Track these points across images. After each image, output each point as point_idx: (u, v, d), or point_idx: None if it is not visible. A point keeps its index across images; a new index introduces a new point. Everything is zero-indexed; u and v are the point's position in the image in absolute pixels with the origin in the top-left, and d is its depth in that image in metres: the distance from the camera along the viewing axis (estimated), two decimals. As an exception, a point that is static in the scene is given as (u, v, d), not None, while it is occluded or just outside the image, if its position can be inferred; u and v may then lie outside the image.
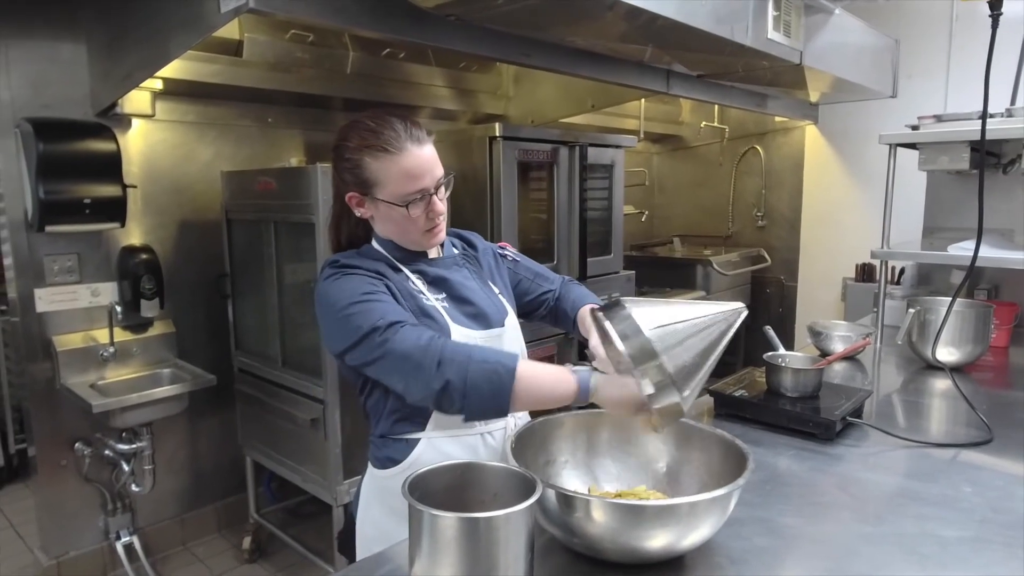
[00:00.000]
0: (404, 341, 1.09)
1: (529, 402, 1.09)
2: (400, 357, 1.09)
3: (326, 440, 2.45)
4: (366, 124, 1.21)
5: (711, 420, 1.61)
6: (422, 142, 1.21)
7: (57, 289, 2.57)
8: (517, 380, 1.05)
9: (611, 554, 0.95)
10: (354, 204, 1.25)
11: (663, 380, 0.96)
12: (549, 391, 1.09)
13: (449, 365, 1.06)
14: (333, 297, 1.17)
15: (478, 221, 2.69)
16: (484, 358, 1.07)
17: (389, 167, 1.19)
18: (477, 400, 1.06)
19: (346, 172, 1.23)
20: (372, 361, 1.12)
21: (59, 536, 2.69)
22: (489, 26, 2.07)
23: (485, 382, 1.05)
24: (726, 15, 2.10)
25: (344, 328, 1.14)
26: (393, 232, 1.27)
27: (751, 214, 4.52)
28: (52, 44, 2.49)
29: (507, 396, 1.05)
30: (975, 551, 1.03)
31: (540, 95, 3.62)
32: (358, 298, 1.14)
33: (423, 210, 1.22)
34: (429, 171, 1.21)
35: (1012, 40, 2.34)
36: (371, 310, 1.13)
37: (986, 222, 1.64)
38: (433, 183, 1.22)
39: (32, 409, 2.61)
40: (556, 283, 1.50)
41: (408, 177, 1.19)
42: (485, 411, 1.09)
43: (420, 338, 1.09)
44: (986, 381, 2.02)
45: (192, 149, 2.91)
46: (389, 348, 1.09)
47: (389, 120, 1.20)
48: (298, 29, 2.72)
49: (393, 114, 1.22)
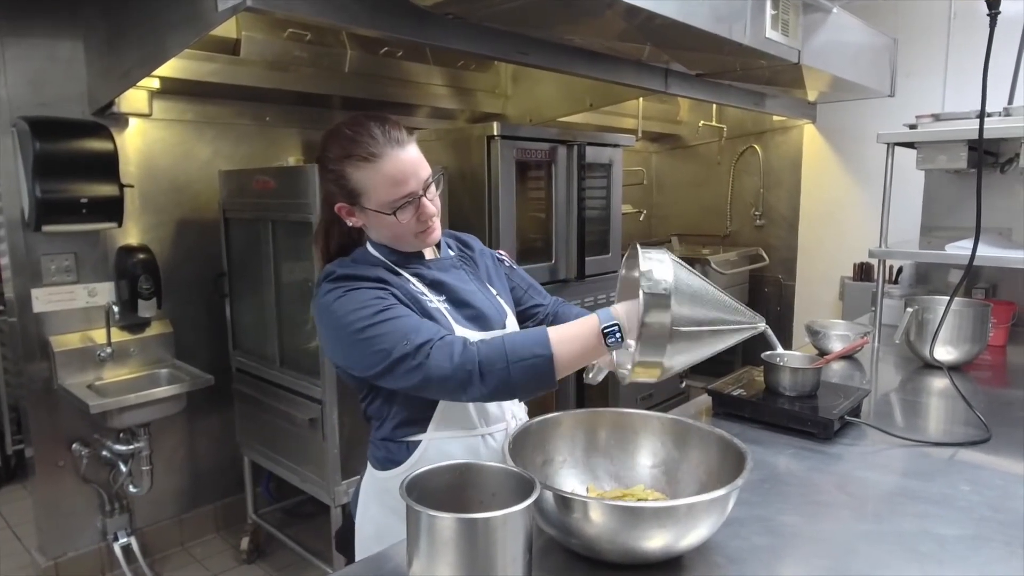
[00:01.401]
0: (439, 365, 1.06)
1: (573, 367, 1.11)
2: (439, 381, 1.07)
3: (324, 440, 2.45)
4: (344, 132, 1.18)
5: (709, 419, 1.61)
6: (403, 144, 1.18)
7: (54, 289, 2.56)
8: (556, 361, 1.06)
9: (609, 555, 0.95)
10: (344, 214, 1.23)
11: (660, 333, 0.97)
12: (585, 352, 1.09)
13: (490, 376, 1.05)
14: (344, 318, 1.13)
15: (476, 220, 2.69)
16: (520, 355, 1.06)
17: (372, 175, 1.16)
18: (526, 392, 1.11)
19: (331, 183, 1.21)
20: (409, 386, 1.10)
21: (57, 537, 2.69)
22: (487, 24, 2.07)
23: (529, 378, 1.06)
24: (724, 14, 2.10)
25: (366, 352, 1.11)
26: (387, 237, 1.25)
27: (749, 213, 4.52)
28: (49, 42, 2.48)
29: (552, 378, 1.07)
30: (974, 549, 1.03)
31: (538, 94, 3.62)
32: (372, 319, 1.11)
33: (413, 214, 1.19)
34: (414, 174, 1.18)
35: (1010, 39, 2.35)
36: (392, 331, 1.10)
37: (984, 221, 1.64)
38: (420, 185, 1.19)
39: (29, 410, 2.60)
40: (548, 300, 1.49)
41: (392, 183, 1.16)
42: (535, 394, 1.13)
43: (453, 355, 1.06)
44: (984, 380, 2.02)
45: (190, 148, 2.90)
46: (426, 375, 1.07)
47: (367, 125, 1.17)
48: (296, 27, 2.72)
49: (371, 117, 1.19)
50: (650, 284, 0.98)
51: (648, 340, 0.98)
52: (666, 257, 1.02)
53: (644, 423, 1.18)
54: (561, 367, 1.07)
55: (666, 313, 0.97)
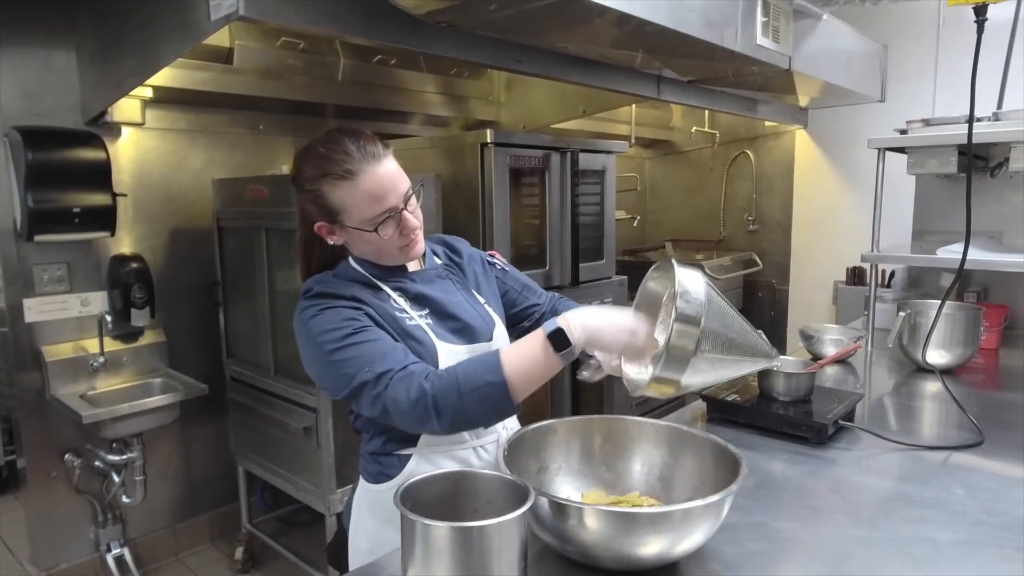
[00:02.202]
0: (396, 399, 1.06)
1: (532, 386, 1.08)
2: (399, 413, 1.08)
3: (319, 449, 2.44)
4: (317, 150, 1.16)
5: (704, 425, 1.61)
6: (379, 158, 1.15)
7: (47, 299, 2.55)
8: (511, 385, 1.04)
9: (605, 561, 0.95)
10: (324, 233, 1.21)
11: (685, 354, 0.98)
12: (541, 369, 1.07)
13: (445, 410, 1.05)
14: (317, 337, 1.13)
15: (470, 227, 2.69)
16: (472, 384, 1.04)
17: (350, 193, 1.13)
18: (486, 420, 1.13)
19: (308, 203, 1.19)
20: (374, 414, 1.11)
21: (49, 548, 2.67)
22: (480, 32, 2.08)
23: (486, 407, 1.06)
24: (715, 21, 2.11)
25: (334, 375, 1.12)
26: (369, 253, 1.23)
27: (742, 218, 4.54)
28: (42, 52, 2.47)
29: (510, 404, 1.06)
30: (968, 553, 1.03)
31: (532, 101, 3.63)
32: (341, 342, 1.11)
33: (395, 229, 1.17)
34: (392, 188, 1.15)
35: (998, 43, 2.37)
36: (357, 356, 1.10)
37: (974, 225, 1.65)
38: (400, 199, 1.16)
39: (21, 420, 2.58)
40: (544, 299, 1.47)
41: (371, 200, 1.14)
42: (497, 420, 1.14)
43: (410, 389, 1.06)
44: (976, 383, 2.03)
45: (183, 157, 2.90)
46: (386, 404, 1.07)
47: (341, 142, 1.14)
48: (289, 36, 2.72)
49: (345, 133, 1.16)
50: (685, 304, 0.98)
51: (672, 357, 0.99)
52: (701, 279, 1.03)
53: (639, 430, 1.18)
54: (518, 390, 1.05)
55: (695, 334, 0.98)
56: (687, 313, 0.98)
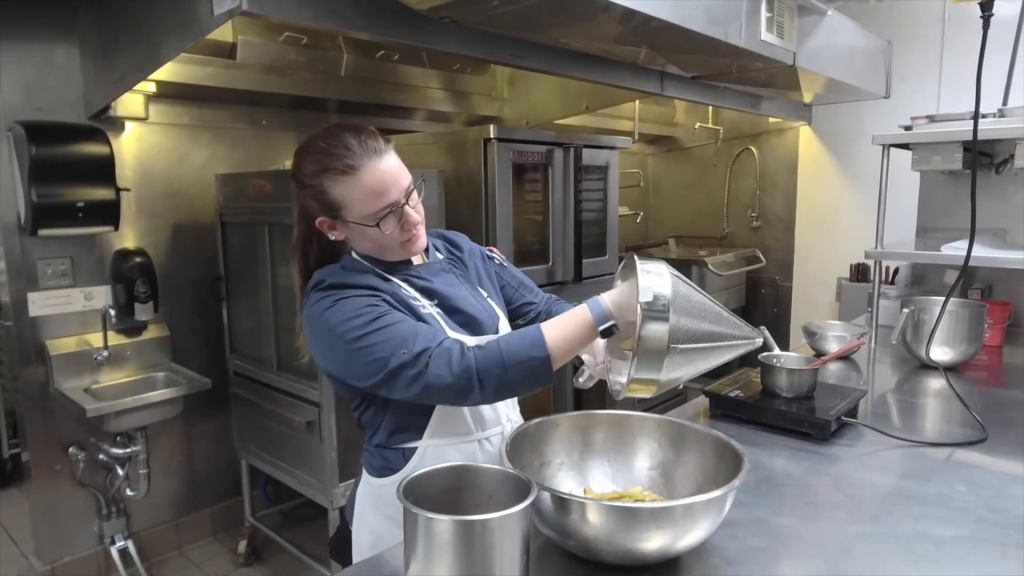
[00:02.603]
0: (439, 374, 1.06)
1: (568, 359, 1.12)
2: (440, 390, 1.08)
3: (321, 443, 2.45)
4: (318, 145, 1.16)
5: (706, 421, 1.61)
6: (381, 153, 1.15)
7: (50, 293, 2.55)
8: (552, 358, 1.06)
9: (607, 556, 0.95)
10: (326, 228, 1.21)
11: (657, 350, 0.97)
12: (580, 345, 1.10)
13: (488, 381, 1.06)
14: (336, 327, 1.11)
15: (473, 223, 2.69)
16: (517, 359, 1.06)
17: (351, 188, 1.14)
18: (526, 391, 1.12)
19: (309, 199, 1.19)
20: (410, 395, 1.09)
21: (53, 541, 2.68)
22: (483, 28, 2.07)
23: (528, 378, 1.07)
24: (719, 17, 2.11)
25: (363, 362, 1.10)
26: (371, 249, 1.23)
27: (746, 215, 4.53)
28: (45, 47, 2.48)
29: (551, 377, 1.08)
30: (970, 550, 1.03)
31: (535, 97, 3.62)
32: (367, 327, 1.09)
33: (396, 224, 1.17)
34: (394, 183, 1.15)
35: (1003, 40, 2.36)
36: (388, 339, 1.08)
37: (979, 222, 1.65)
38: (401, 194, 1.16)
39: (26, 414, 2.59)
40: (540, 298, 1.47)
41: (373, 195, 1.14)
42: (536, 389, 1.13)
43: (452, 363, 1.06)
44: (980, 380, 2.02)
45: (186, 152, 2.90)
46: (426, 384, 1.07)
47: (341, 137, 1.14)
48: (292, 31, 2.72)
49: (346, 128, 1.16)
50: (648, 299, 0.97)
51: (645, 356, 0.98)
52: (664, 270, 1.01)
53: (641, 425, 1.18)
54: (557, 363, 1.08)
55: (664, 330, 0.97)
56: (653, 308, 0.97)
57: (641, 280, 0.99)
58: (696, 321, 1.01)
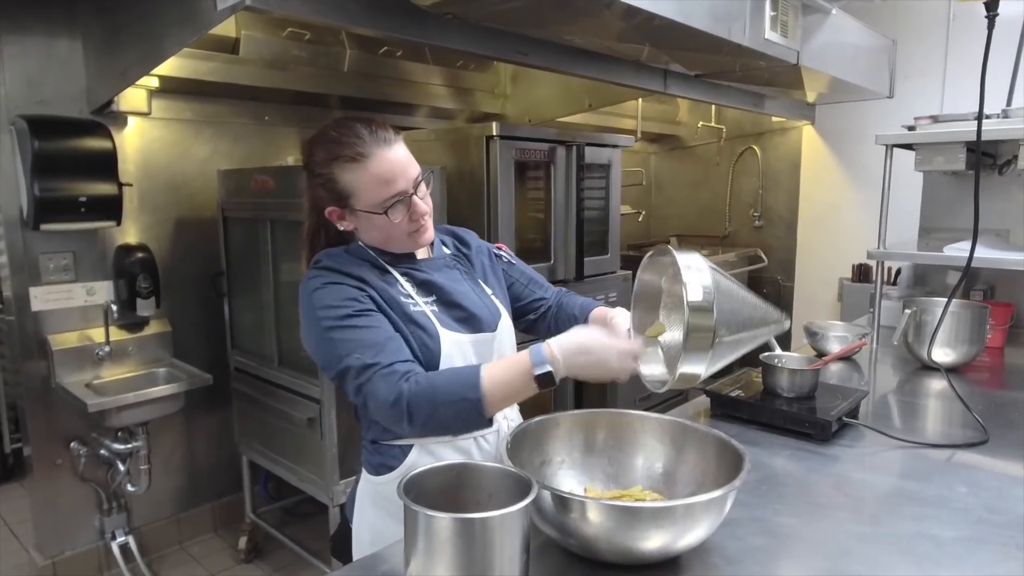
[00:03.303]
0: (375, 396, 1.09)
1: (506, 405, 1.13)
2: (375, 409, 1.11)
3: (322, 440, 2.45)
4: (329, 135, 1.18)
5: (707, 420, 1.61)
6: (390, 143, 1.17)
7: (52, 288, 2.56)
8: (486, 400, 1.06)
9: (607, 555, 0.95)
10: (335, 218, 1.22)
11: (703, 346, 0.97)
12: (520, 394, 1.10)
13: (418, 415, 1.07)
14: (318, 311, 1.15)
15: (475, 220, 2.68)
16: (449, 397, 1.07)
17: (360, 175, 1.16)
18: (456, 431, 1.17)
19: (319, 188, 1.21)
20: (356, 402, 1.15)
21: (54, 536, 2.69)
22: (487, 24, 2.07)
23: (457, 419, 1.09)
24: (723, 15, 2.10)
25: (326, 352, 1.14)
26: (378, 239, 1.24)
27: (748, 214, 4.53)
28: (48, 41, 2.48)
29: (482, 420, 1.09)
30: (971, 551, 1.03)
31: (537, 94, 3.62)
32: (340, 321, 1.13)
33: (404, 213, 1.19)
34: (403, 172, 1.18)
35: (1008, 40, 2.35)
36: (350, 340, 1.11)
37: (982, 222, 1.64)
38: (409, 184, 1.18)
39: (27, 408, 2.60)
40: (550, 293, 1.48)
41: (382, 182, 1.16)
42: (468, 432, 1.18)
43: (389, 391, 1.07)
44: (982, 382, 2.02)
45: (188, 147, 2.90)
46: (365, 397, 1.10)
47: (352, 126, 1.17)
48: (295, 27, 2.72)
49: (356, 119, 1.19)
50: (695, 296, 0.97)
51: (692, 352, 0.98)
52: (704, 264, 1.01)
53: (642, 424, 1.18)
54: (493, 408, 1.08)
55: (710, 325, 0.98)
56: (699, 305, 0.97)
57: (685, 274, 0.99)
58: (736, 314, 1.01)
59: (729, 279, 1.05)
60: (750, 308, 1.05)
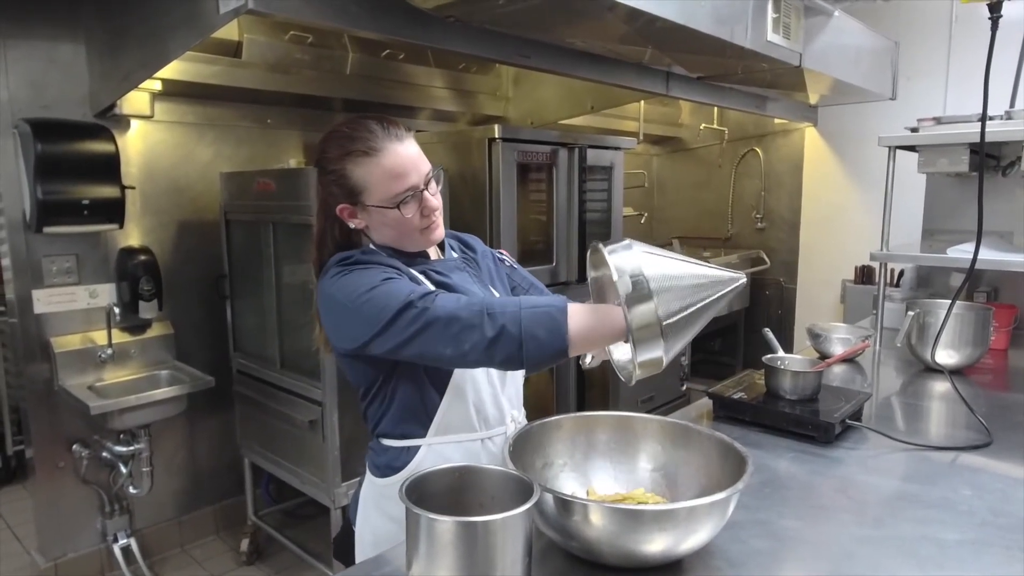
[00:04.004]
0: (445, 306, 1.03)
1: (584, 340, 1.04)
2: (445, 321, 1.02)
3: (324, 442, 2.45)
4: (342, 132, 1.19)
5: (710, 422, 1.61)
6: (402, 139, 1.18)
7: (55, 290, 2.56)
8: (570, 317, 1.01)
9: (609, 558, 0.95)
10: (347, 216, 1.22)
11: (652, 334, 0.96)
12: (600, 325, 1.03)
13: (500, 315, 1.01)
14: (347, 287, 1.11)
15: (477, 223, 2.68)
16: (534, 304, 1.03)
17: (372, 170, 1.16)
18: (535, 345, 1.01)
19: (332, 185, 1.21)
20: (411, 337, 1.04)
21: (57, 538, 2.69)
22: (489, 27, 2.07)
23: (540, 325, 1.00)
24: (726, 17, 2.10)
25: (365, 315, 1.08)
26: (390, 237, 1.24)
27: (750, 216, 4.52)
28: (51, 44, 2.48)
29: (563, 336, 1.00)
30: (974, 554, 1.03)
31: (539, 96, 3.62)
32: (376, 283, 1.09)
33: (416, 208, 1.19)
34: (414, 167, 1.18)
35: (1012, 42, 2.34)
36: (395, 289, 1.07)
37: (985, 224, 1.64)
38: (421, 179, 1.19)
39: (30, 410, 2.60)
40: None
41: (393, 176, 1.16)
42: (544, 354, 1.02)
43: (460, 299, 1.05)
44: (985, 384, 2.01)
45: (191, 150, 2.90)
46: (430, 316, 1.03)
47: (364, 123, 1.18)
48: (297, 30, 2.72)
49: (368, 117, 1.20)
50: (627, 288, 0.96)
51: (642, 342, 0.97)
52: (633, 250, 1.00)
53: (644, 426, 1.18)
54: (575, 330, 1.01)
55: (651, 310, 0.96)
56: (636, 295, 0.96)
57: (614, 268, 0.97)
58: (679, 291, 0.99)
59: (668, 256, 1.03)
60: (695, 278, 1.00)
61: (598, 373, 1.20)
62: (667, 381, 3.55)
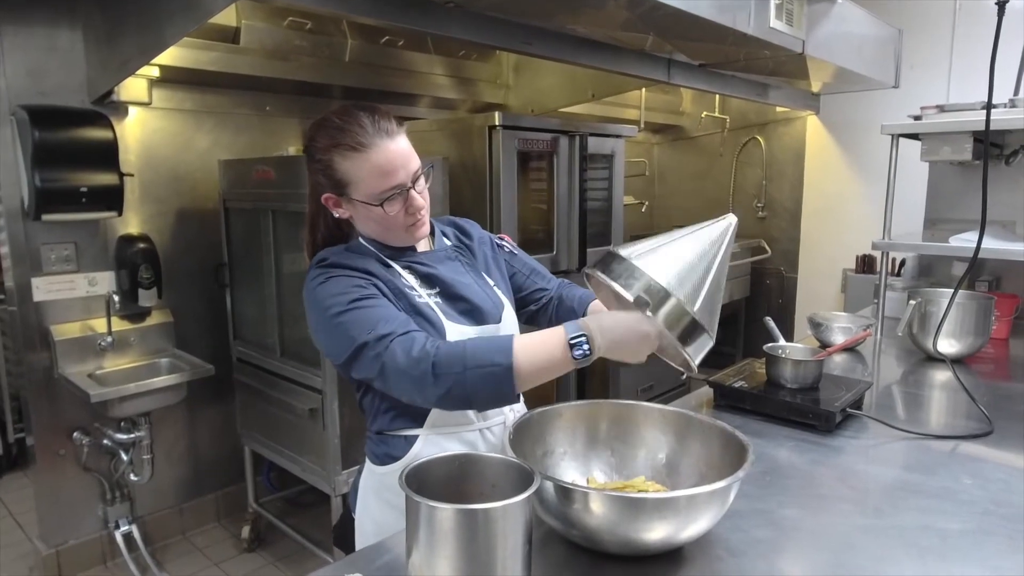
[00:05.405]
0: (396, 357, 1.04)
1: (536, 380, 1.05)
2: (396, 374, 1.05)
3: (324, 430, 2.45)
4: (333, 122, 1.17)
5: (711, 411, 1.61)
6: (392, 135, 1.16)
7: (54, 278, 2.56)
8: (517, 371, 1.02)
9: (609, 546, 0.95)
10: (331, 205, 1.21)
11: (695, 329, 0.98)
12: (552, 367, 1.04)
13: (446, 377, 1.02)
14: (323, 302, 1.13)
15: (477, 211, 2.67)
16: (478, 362, 1.02)
17: (360, 165, 1.14)
18: (483, 402, 1.09)
19: (318, 174, 1.19)
20: (374, 377, 1.09)
21: (58, 525, 2.70)
22: (490, 13, 2.05)
23: (486, 386, 1.02)
24: (728, 3, 2.08)
25: (337, 339, 1.11)
26: (375, 231, 1.23)
27: (752, 205, 4.51)
28: (48, 31, 2.46)
29: (511, 390, 1.03)
30: (976, 544, 1.03)
31: (540, 84, 3.60)
32: (347, 306, 1.10)
33: (401, 207, 1.17)
34: (403, 165, 1.16)
35: (1016, 30, 2.32)
36: (362, 320, 1.09)
37: (988, 213, 1.63)
38: (408, 177, 1.17)
39: (30, 398, 2.60)
40: (552, 284, 1.46)
41: (380, 174, 1.14)
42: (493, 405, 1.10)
43: (411, 351, 1.04)
44: (986, 373, 2.01)
45: (189, 137, 2.89)
46: (384, 364, 1.06)
47: (356, 115, 1.15)
48: (296, 16, 2.70)
49: (361, 108, 1.17)
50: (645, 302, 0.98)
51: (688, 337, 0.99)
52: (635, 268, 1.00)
53: (645, 415, 1.18)
54: (523, 379, 1.03)
55: (679, 307, 0.98)
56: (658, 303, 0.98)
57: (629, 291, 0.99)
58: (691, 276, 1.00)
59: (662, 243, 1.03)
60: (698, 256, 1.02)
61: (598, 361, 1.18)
62: (667, 369, 3.55)
